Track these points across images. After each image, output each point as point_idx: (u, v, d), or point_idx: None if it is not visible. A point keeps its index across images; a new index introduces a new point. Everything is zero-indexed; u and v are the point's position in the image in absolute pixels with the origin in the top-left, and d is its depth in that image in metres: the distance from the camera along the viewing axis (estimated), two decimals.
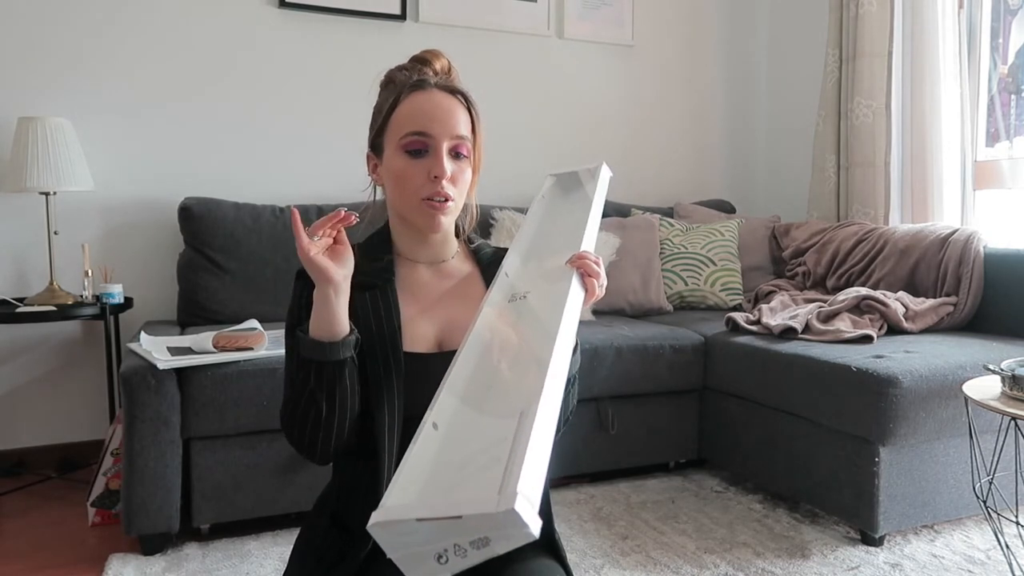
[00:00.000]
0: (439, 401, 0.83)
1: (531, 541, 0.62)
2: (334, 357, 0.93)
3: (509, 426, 0.75)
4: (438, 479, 0.73)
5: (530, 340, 0.88)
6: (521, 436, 0.69)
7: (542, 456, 0.68)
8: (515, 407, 0.77)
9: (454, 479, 0.72)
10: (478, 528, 0.62)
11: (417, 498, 0.71)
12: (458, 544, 0.64)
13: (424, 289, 1.07)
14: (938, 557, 1.97)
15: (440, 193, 1.01)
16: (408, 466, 0.75)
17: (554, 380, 0.76)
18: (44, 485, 2.49)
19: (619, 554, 1.98)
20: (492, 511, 0.61)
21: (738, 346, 2.38)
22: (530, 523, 0.61)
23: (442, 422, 0.81)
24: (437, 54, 1.10)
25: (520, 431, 0.70)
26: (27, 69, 2.54)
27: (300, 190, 2.89)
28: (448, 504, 0.65)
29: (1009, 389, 1.63)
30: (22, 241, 2.57)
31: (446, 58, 1.11)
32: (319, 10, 2.88)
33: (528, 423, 0.70)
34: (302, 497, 2.07)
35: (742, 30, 3.72)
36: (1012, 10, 2.80)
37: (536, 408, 0.72)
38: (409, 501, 0.70)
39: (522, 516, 0.60)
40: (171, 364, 1.89)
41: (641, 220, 3.01)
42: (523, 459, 0.65)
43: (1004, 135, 2.84)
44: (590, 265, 0.95)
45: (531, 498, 0.62)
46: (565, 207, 1.15)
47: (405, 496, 0.71)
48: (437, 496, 0.71)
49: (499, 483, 0.65)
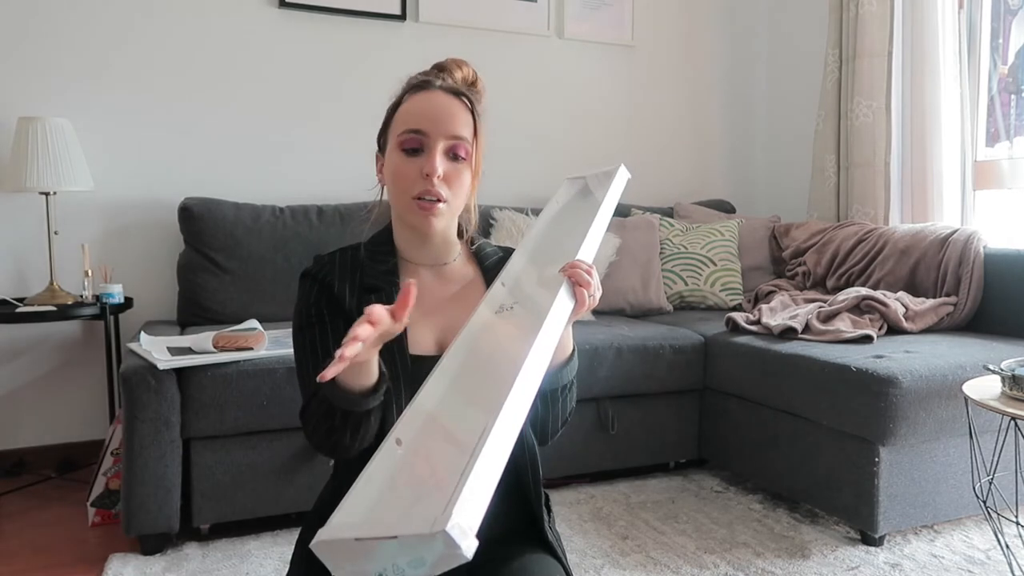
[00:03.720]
0: (408, 414, 0.83)
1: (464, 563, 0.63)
2: (364, 408, 0.89)
3: (471, 441, 0.76)
4: (390, 497, 0.74)
5: (507, 353, 0.88)
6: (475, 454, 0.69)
7: (490, 475, 0.68)
8: (481, 422, 0.77)
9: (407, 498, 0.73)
10: (414, 549, 0.64)
11: (363, 517, 0.73)
12: (396, 564, 0.65)
13: (427, 292, 1.07)
14: (938, 557, 1.97)
15: (431, 192, 1.00)
16: (361, 484, 0.76)
17: (519, 395, 0.76)
18: (44, 485, 2.49)
19: (619, 554, 1.98)
20: (426, 532, 0.62)
21: (738, 346, 2.38)
22: (463, 546, 0.62)
23: (406, 437, 0.81)
24: (461, 63, 1.09)
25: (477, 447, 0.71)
26: (27, 69, 2.54)
27: (300, 190, 2.89)
28: (387, 524, 0.67)
29: (1009, 389, 1.63)
30: (22, 241, 2.57)
31: (471, 68, 1.10)
32: (319, 10, 2.88)
33: (486, 435, 0.71)
34: (302, 497, 2.07)
35: (742, 30, 3.72)
36: (1012, 10, 2.80)
37: (495, 418, 0.72)
38: (354, 520, 0.72)
39: (455, 538, 0.61)
40: (171, 364, 1.89)
41: (641, 220, 3.01)
42: (468, 477, 0.66)
43: (1004, 135, 2.84)
44: (581, 274, 0.93)
45: (467, 520, 0.63)
46: (575, 213, 1.14)
47: (352, 515, 0.73)
48: (384, 515, 0.72)
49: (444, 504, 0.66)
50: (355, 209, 2.72)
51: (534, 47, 3.27)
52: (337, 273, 1.05)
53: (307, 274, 1.06)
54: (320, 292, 1.04)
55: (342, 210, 2.72)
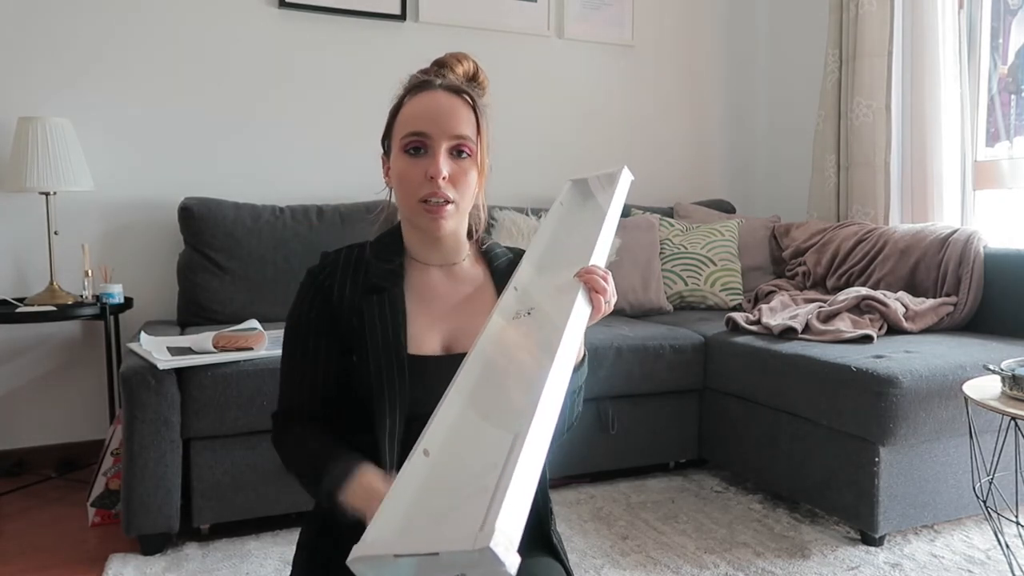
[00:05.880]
0: (434, 424, 0.82)
1: None
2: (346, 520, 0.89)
3: (503, 449, 0.75)
4: (421, 511, 0.73)
5: (531, 358, 0.87)
6: (510, 463, 0.68)
7: (528, 486, 0.67)
8: (511, 427, 0.77)
9: (438, 511, 0.72)
10: (455, 564, 0.62)
11: (398, 532, 0.71)
12: None
13: (435, 293, 1.06)
14: (938, 557, 1.97)
15: (437, 194, 0.99)
16: (393, 498, 0.75)
17: (549, 400, 0.75)
18: (44, 485, 2.49)
19: (619, 554, 1.98)
20: (469, 548, 0.61)
21: (738, 346, 2.38)
22: (507, 562, 0.60)
23: (434, 448, 0.80)
24: (461, 57, 1.08)
25: (511, 456, 0.69)
26: (27, 69, 2.54)
27: (300, 190, 2.89)
28: (426, 541, 0.65)
29: (1009, 389, 1.63)
30: (22, 241, 2.57)
31: (472, 62, 1.08)
32: (319, 10, 2.88)
33: (518, 448, 0.69)
34: (302, 497, 2.07)
35: (742, 30, 3.72)
36: (1012, 10, 2.80)
37: (527, 430, 0.70)
38: (389, 535, 0.71)
39: (499, 555, 0.60)
40: (171, 364, 1.89)
41: (641, 220, 3.01)
42: (506, 491, 0.64)
43: (1004, 135, 2.84)
44: (597, 280, 0.93)
45: (510, 535, 0.62)
46: (581, 216, 1.13)
47: (386, 530, 0.71)
48: (418, 530, 0.71)
49: (481, 517, 0.65)
50: (355, 209, 2.72)
51: (534, 47, 3.27)
52: (340, 272, 1.05)
53: (310, 274, 1.06)
54: (315, 298, 1.04)
55: (342, 210, 2.72)
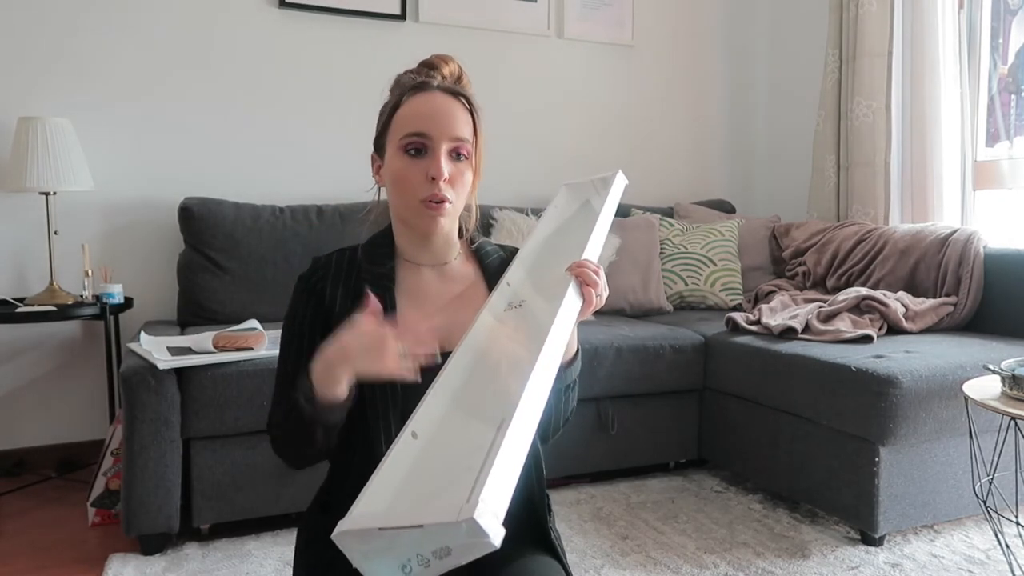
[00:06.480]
0: (423, 408, 0.83)
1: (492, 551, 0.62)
2: (334, 420, 0.94)
3: (489, 432, 0.76)
4: (409, 489, 0.74)
5: (520, 347, 0.88)
6: (496, 443, 0.69)
7: (513, 466, 0.68)
8: (498, 415, 0.78)
9: (425, 489, 0.73)
10: (440, 538, 0.63)
11: (384, 508, 0.72)
12: (420, 554, 0.65)
13: (427, 292, 1.07)
14: (938, 557, 1.97)
15: (437, 195, 1.00)
16: (381, 476, 0.76)
17: (536, 385, 0.76)
18: (44, 485, 2.49)
19: (619, 554, 1.98)
20: (453, 520, 0.61)
21: (738, 346, 2.38)
22: (491, 533, 0.61)
23: (422, 431, 0.81)
24: (447, 59, 1.09)
25: (496, 438, 0.70)
26: (27, 69, 2.54)
27: (300, 190, 2.89)
28: (411, 514, 0.66)
29: (1009, 389, 1.63)
30: (22, 241, 2.57)
31: (456, 63, 1.10)
32: (319, 10, 2.88)
33: (504, 429, 0.70)
34: (302, 497, 2.07)
35: (742, 30, 3.72)
36: (1012, 10, 2.80)
37: (513, 413, 0.72)
38: (376, 510, 0.71)
39: (483, 526, 0.60)
40: (171, 364, 1.89)
41: (641, 220, 3.01)
42: (491, 469, 0.65)
43: (1004, 135, 2.84)
44: (588, 274, 0.94)
45: (494, 507, 0.62)
46: (575, 217, 1.14)
47: (373, 505, 0.72)
48: (404, 506, 0.72)
49: (467, 493, 0.66)
50: (355, 209, 2.72)
51: (534, 47, 3.27)
52: (331, 277, 1.06)
53: (301, 279, 1.07)
54: (308, 302, 1.05)
55: (342, 210, 2.72)
